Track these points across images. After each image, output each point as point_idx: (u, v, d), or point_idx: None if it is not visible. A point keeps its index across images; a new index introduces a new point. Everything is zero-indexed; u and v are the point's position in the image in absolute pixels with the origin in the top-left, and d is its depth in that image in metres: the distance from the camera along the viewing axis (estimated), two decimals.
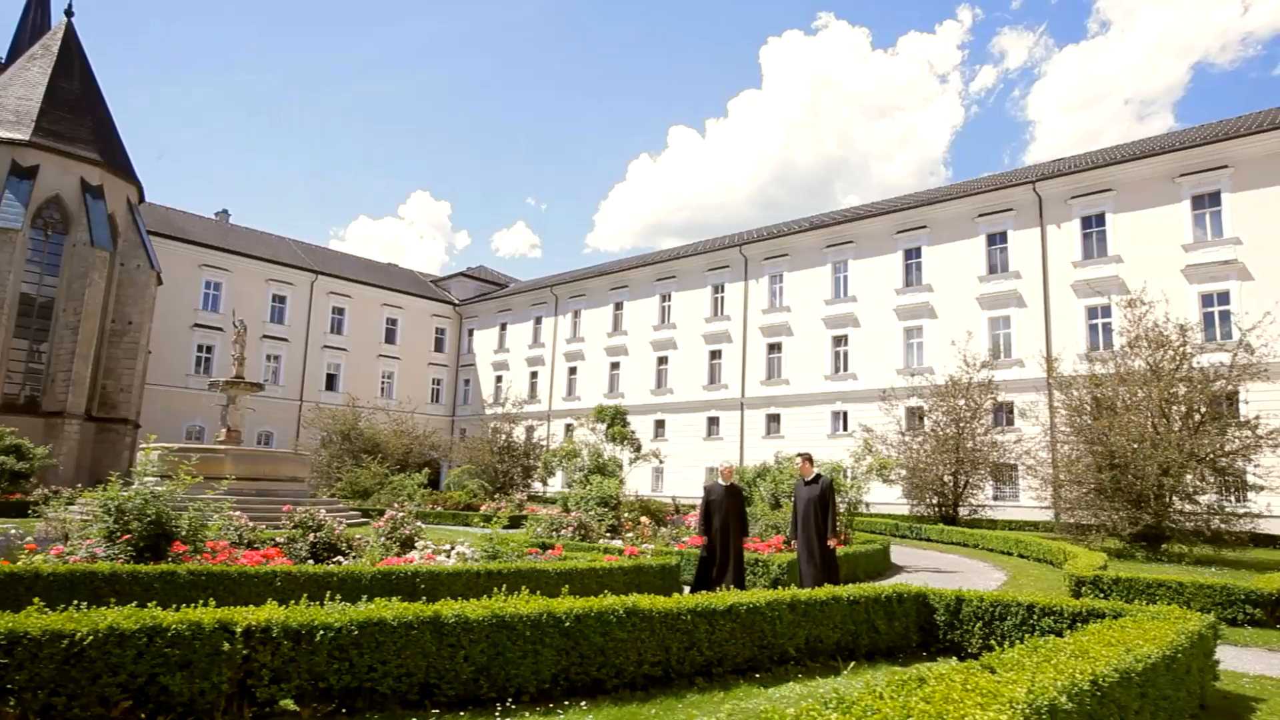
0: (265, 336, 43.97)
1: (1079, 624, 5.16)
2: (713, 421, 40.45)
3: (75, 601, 6.81)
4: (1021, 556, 16.46)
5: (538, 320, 49.96)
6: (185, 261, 42.05)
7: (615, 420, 23.15)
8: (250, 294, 44.26)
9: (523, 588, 5.45)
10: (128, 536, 7.84)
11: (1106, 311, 28.75)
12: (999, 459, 25.03)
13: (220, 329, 43.04)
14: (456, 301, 55.01)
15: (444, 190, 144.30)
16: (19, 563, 8.14)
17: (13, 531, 11.14)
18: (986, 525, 24.13)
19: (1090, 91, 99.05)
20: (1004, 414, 29.22)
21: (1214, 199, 27.36)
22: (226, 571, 7.31)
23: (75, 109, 34.54)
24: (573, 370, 47.19)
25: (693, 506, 30.07)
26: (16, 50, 57.67)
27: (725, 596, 5.38)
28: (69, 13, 35.96)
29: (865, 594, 5.97)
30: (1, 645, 3.54)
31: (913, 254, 35.09)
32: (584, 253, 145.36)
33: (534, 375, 49.22)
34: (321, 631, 4.06)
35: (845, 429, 35.04)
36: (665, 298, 43.75)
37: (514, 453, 37.59)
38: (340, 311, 48.40)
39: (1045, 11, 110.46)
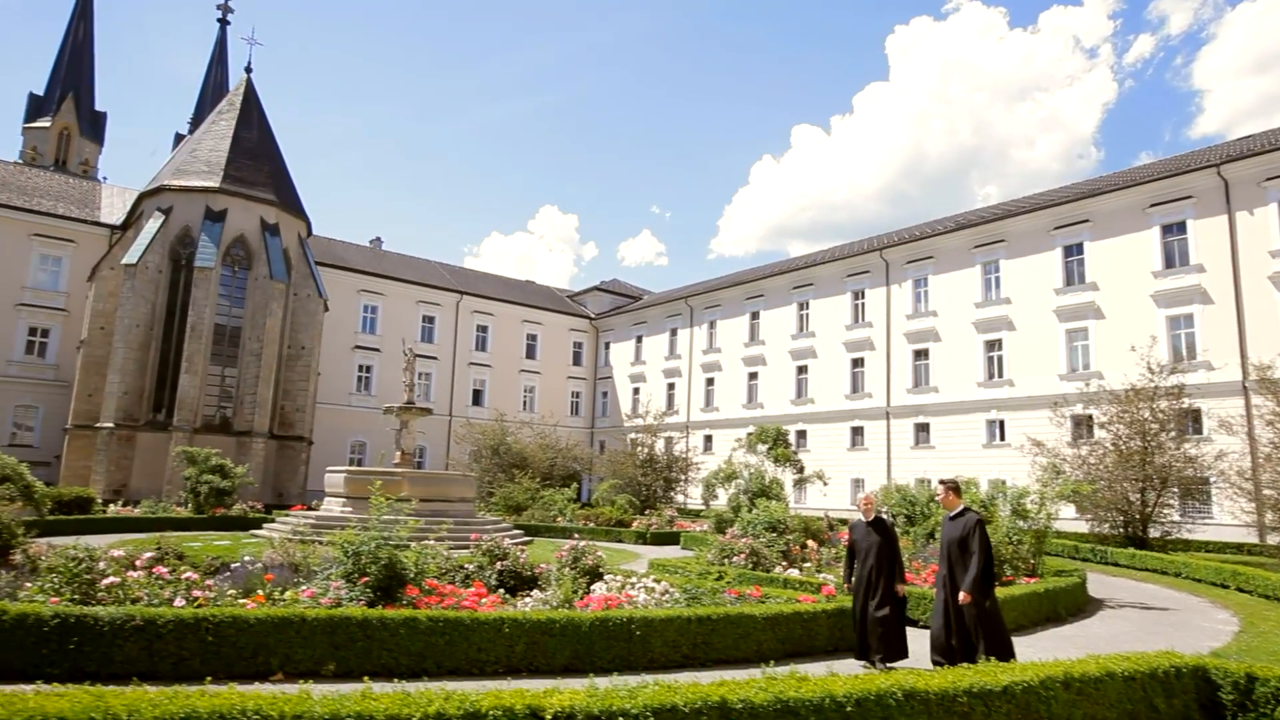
0: (417, 355, 46.49)
1: None
2: (856, 431, 39.36)
3: (334, 645, 7.42)
4: (1242, 590, 14.84)
5: (673, 332, 50.30)
6: (345, 288, 45.11)
7: (777, 441, 22.80)
8: (402, 315, 47.06)
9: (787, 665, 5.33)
10: (365, 579, 8.39)
11: None
12: (1192, 474, 22.82)
13: (377, 350, 45.95)
14: (592, 315, 56.30)
15: (571, 204, 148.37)
16: (269, 594, 8.85)
17: (247, 559, 12.15)
18: (1180, 548, 22.08)
19: (1271, 51, 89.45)
20: (1189, 422, 26.72)
21: None
22: (460, 619, 7.67)
23: (255, 156, 37.92)
24: (710, 381, 47.16)
25: (843, 521, 29.29)
26: (203, 101, 64.39)
27: (998, 674, 5.11)
28: (248, 69, 39.69)
29: (1139, 669, 5.52)
30: None
31: (1073, 250, 32.88)
32: (709, 258, 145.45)
33: (671, 387, 49.56)
34: (620, 718, 4.15)
35: (1002, 439, 33.26)
36: (803, 305, 42.98)
37: (656, 466, 37.95)
38: (484, 329, 50.60)
39: None
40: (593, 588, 11.58)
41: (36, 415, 38.16)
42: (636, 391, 51.84)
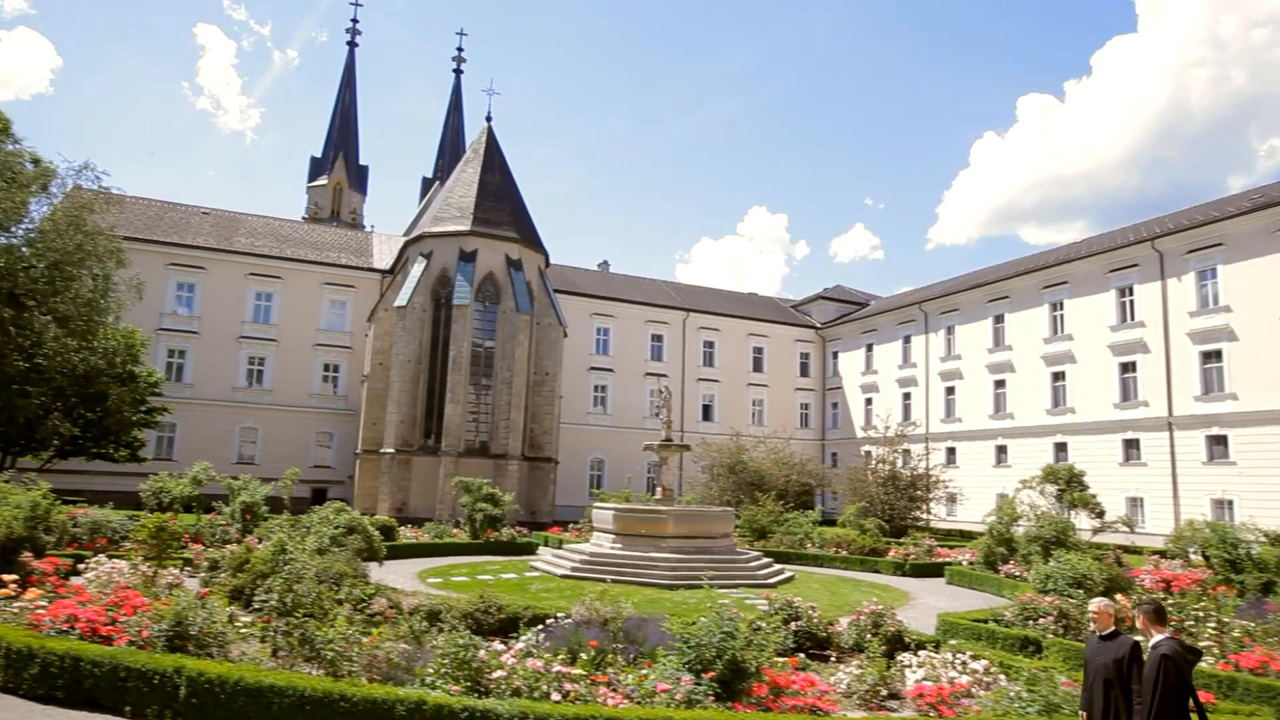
0: (647, 374, 48.11)
1: None
2: (1130, 444, 35.25)
3: None
4: None
5: (906, 339, 48.00)
6: (579, 312, 47.61)
7: (1071, 484, 20.80)
8: (632, 335, 48.91)
9: None
10: (711, 674, 8.61)
11: None
12: None
13: (611, 370, 48.08)
14: (818, 325, 55.23)
15: (780, 203, 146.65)
16: (594, 661, 9.32)
17: (560, 615, 12.94)
18: None
19: None
20: None
21: None
22: None
23: (498, 198, 41.16)
24: (950, 390, 44.42)
25: (1131, 550, 26.03)
26: (443, 145, 71.40)
27: None
28: (489, 118, 43.34)
29: None
30: None
31: None
32: (927, 249, 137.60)
33: (906, 396, 47.32)
34: None
35: None
36: (1056, 306, 39.22)
37: (899, 483, 36.29)
38: (710, 344, 51.31)
39: None
40: (899, 657, 11.15)
41: (332, 440, 44.05)
42: (869, 402, 50.02)
